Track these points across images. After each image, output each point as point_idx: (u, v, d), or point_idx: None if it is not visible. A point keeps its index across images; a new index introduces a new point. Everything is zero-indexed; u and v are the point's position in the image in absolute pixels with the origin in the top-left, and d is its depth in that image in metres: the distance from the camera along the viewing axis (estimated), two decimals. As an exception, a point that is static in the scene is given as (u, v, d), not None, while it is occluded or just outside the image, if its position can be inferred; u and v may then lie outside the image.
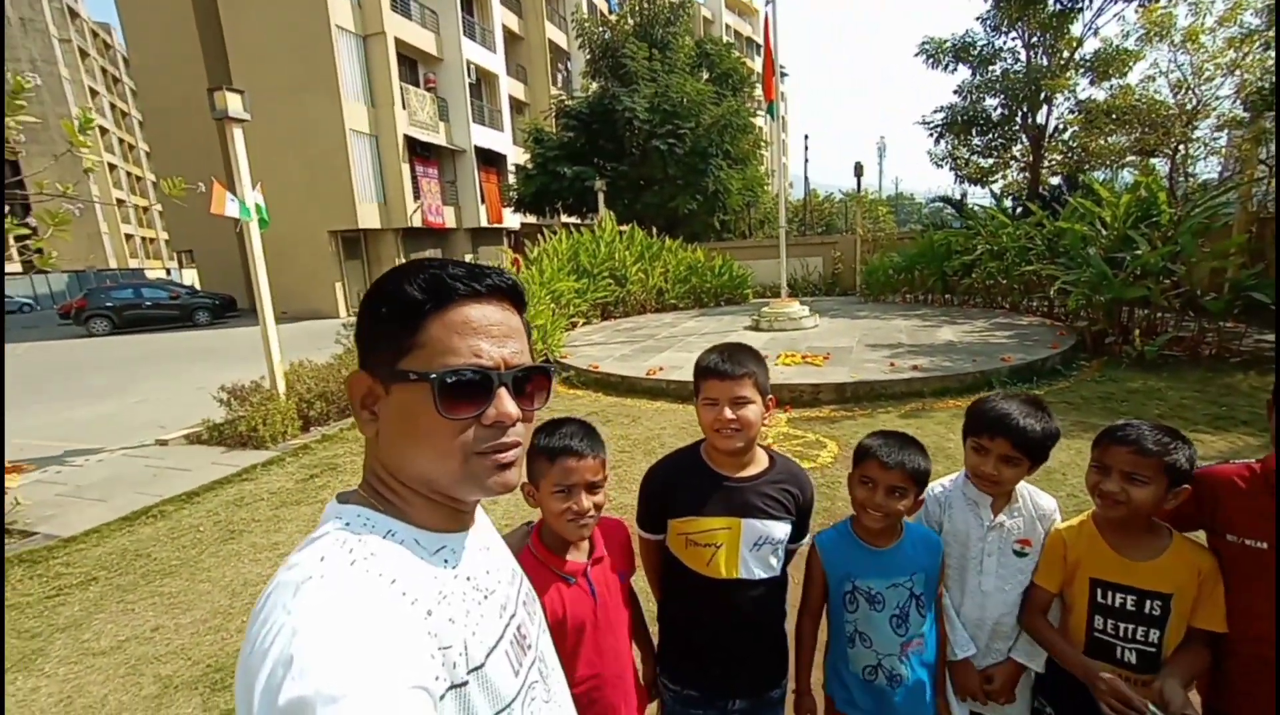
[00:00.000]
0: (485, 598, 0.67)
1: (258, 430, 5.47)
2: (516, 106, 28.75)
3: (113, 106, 54.98)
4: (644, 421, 5.70)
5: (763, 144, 20.75)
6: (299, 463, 5.14)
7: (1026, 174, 15.57)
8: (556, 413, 5.30)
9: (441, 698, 0.55)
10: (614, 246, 12.69)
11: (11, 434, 6.26)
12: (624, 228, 13.64)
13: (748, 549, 1.40)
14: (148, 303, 19.22)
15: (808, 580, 1.52)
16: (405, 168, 21.34)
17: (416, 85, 22.53)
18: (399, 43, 21.00)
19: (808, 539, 1.55)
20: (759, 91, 19.82)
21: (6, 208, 4.32)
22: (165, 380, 9.66)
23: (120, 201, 52.46)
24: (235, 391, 5.97)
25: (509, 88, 27.29)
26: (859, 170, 17.82)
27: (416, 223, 21.95)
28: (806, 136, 32.72)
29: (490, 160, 25.37)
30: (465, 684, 0.59)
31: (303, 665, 0.47)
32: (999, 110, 14.80)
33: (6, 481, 4.03)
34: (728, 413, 1.34)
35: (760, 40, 9.57)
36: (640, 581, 1.54)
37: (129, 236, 53.99)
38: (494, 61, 25.73)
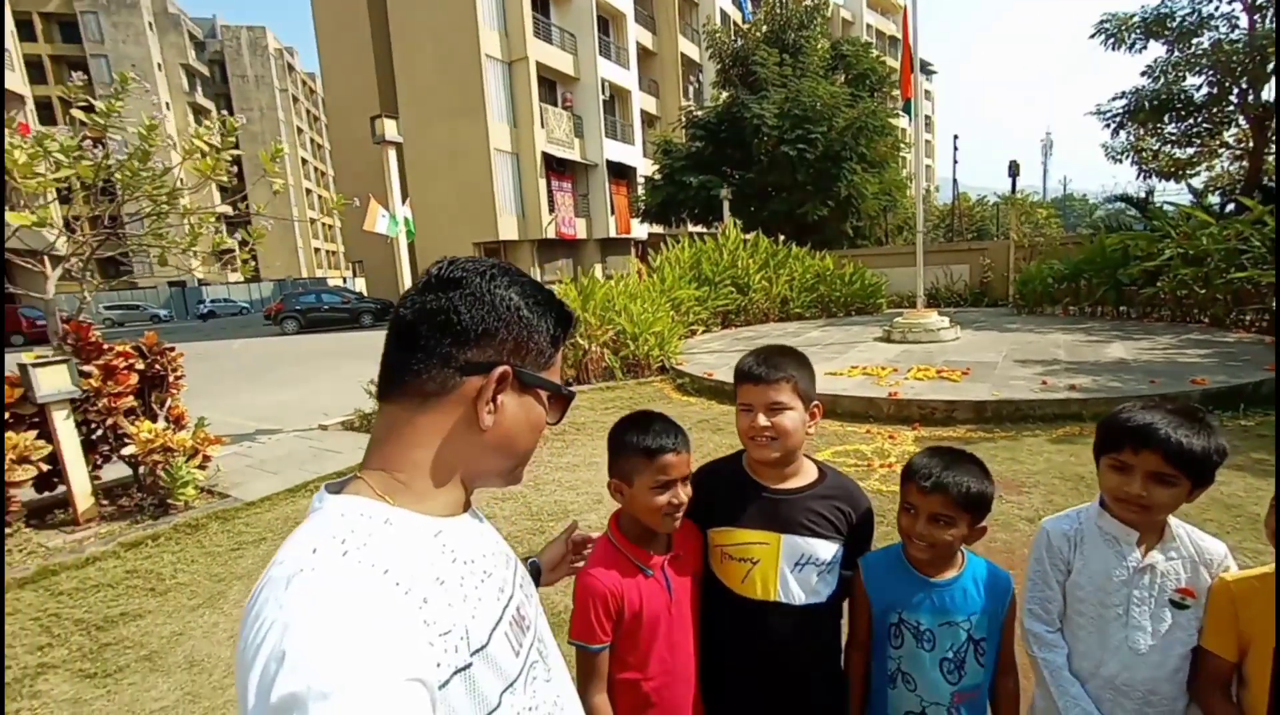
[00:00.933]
0: (483, 580, 0.67)
1: (399, 420, 6.05)
2: (648, 120, 29.55)
3: (312, 141, 64.52)
4: (755, 432, 5.53)
5: (903, 145, 19.43)
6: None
7: (1242, 163, 13.09)
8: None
9: (446, 684, 0.56)
10: (737, 254, 12.55)
11: (222, 412, 7.49)
12: (748, 236, 13.45)
13: (789, 568, 1.27)
14: (325, 307, 22.23)
15: (853, 607, 1.35)
16: (542, 182, 22.75)
17: (555, 104, 23.97)
18: (540, 66, 22.49)
19: None
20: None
21: (226, 225, 5.14)
22: (333, 373, 11.07)
23: (313, 220, 61.29)
24: (384, 385, 6.67)
25: (641, 102, 28.13)
26: (1014, 170, 16.11)
27: (550, 234, 23.28)
28: (956, 136, 30.29)
29: (621, 173, 26.28)
30: (469, 666, 0.59)
31: (295, 661, 0.47)
32: (1205, 90, 12.56)
33: (212, 451, 4.81)
34: (761, 420, 1.24)
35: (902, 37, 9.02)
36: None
37: (317, 250, 62.90)
38: (627, 78, 26.67)
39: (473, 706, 0.59)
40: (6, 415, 4.07)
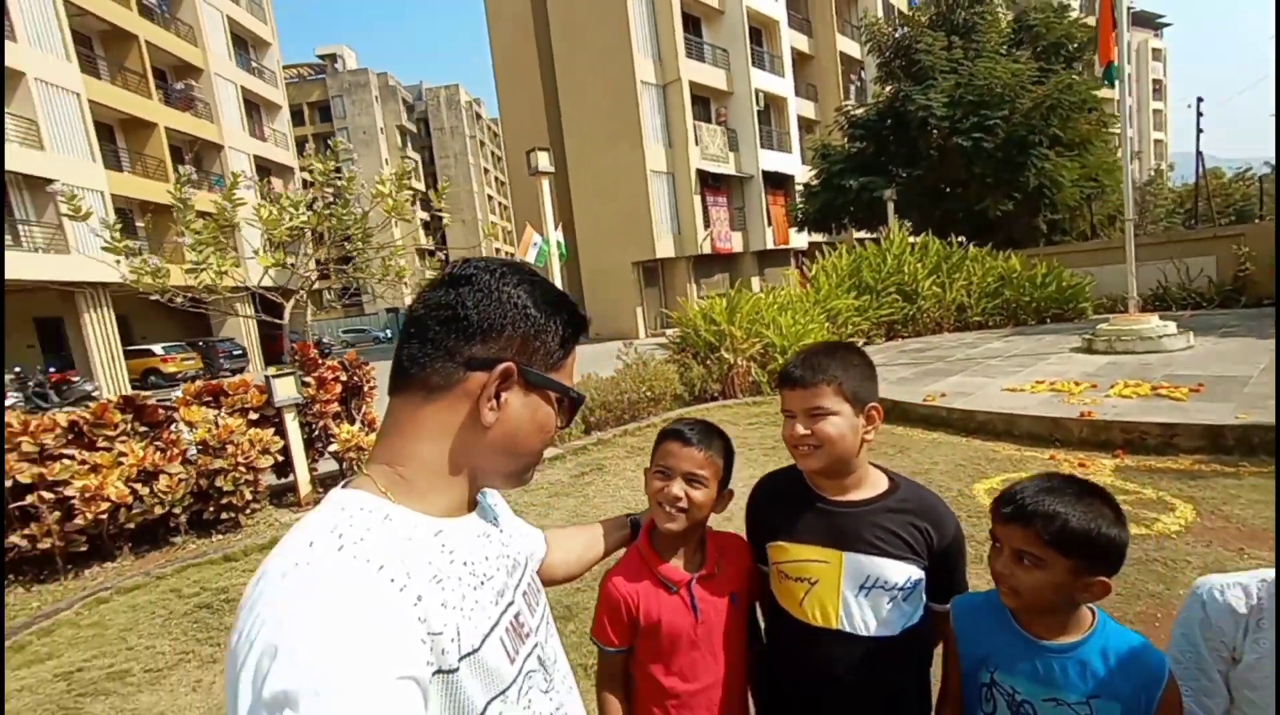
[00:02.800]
0: (481, 583, 0.66)
1: (550, 430, 6.47)
2: (806, 126, 28.65)
3: (496, 179, 72.43)
4: (913, 453, 5.00)
5: (1111, 120, 16.49)
6: (576, 461, 5.90)
7: None
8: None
9: (428, 683, 0.55)
10: (903, 259, 11.56)
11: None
12: (916, 238, 12.34)
13: (851, 591, 1.11)
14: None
15: (944, 654, 1.12)
16: (697, 199, 23.09)
17: (709, 121, 24.27)
18: (692, 85, 22.96)
19: None
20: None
21: (428, 257, 5.95)
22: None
23: (496, 249, 68.66)
24: (539, 397, 7.18)
25: (797, 108, 27.38)
26: (1281, 133, 12.79)
27: (706, 250, 23.48)
28: (1200, 100, 24.86)
29: (778, 183, 25.73)
30: (455, 670, 0.58)
31: (287, 656, 0.47)
32: None
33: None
34: (800, 427, 1.10)
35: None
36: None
37: (501, 276, 70.29)
38: (782, 85, 26.15)
39: (450, 712, 0.58)
40: (255, 415, 5.08)
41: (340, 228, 5.92)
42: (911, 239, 12.27)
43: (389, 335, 43.96)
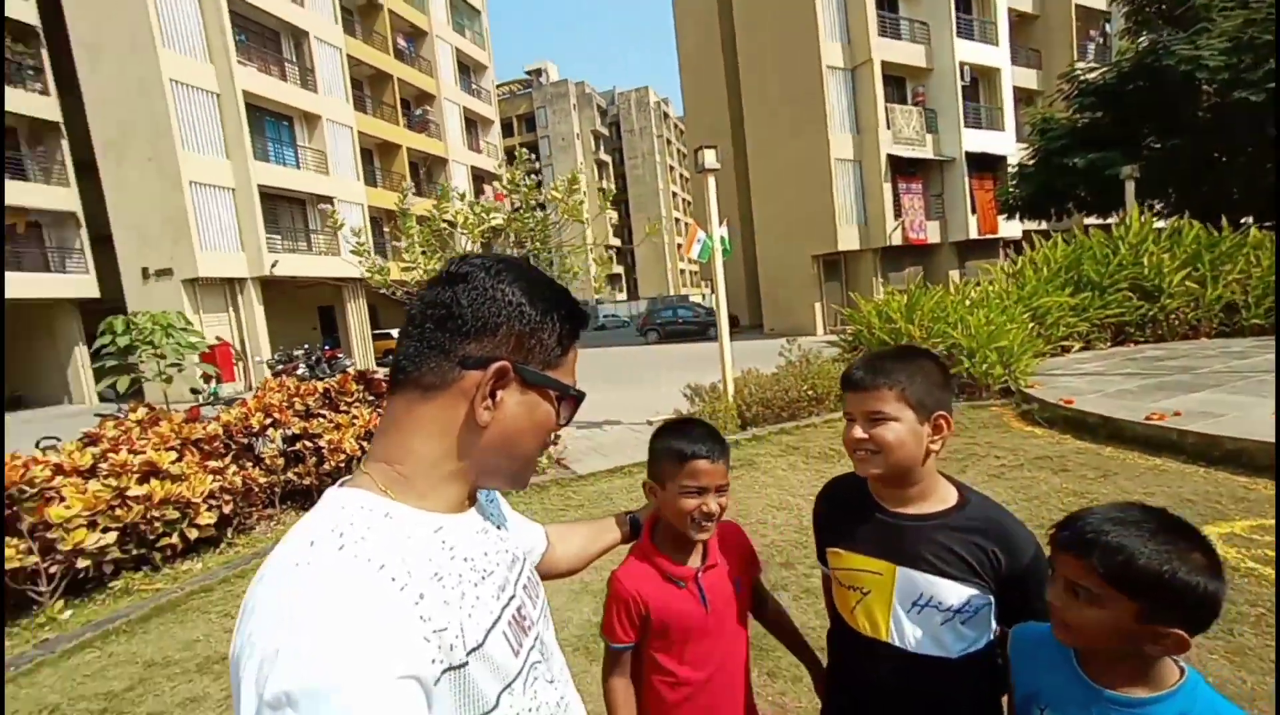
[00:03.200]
0: (482, 579, 0.66)
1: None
2: (1025, 98, 24.90)
3: (681, 175, 74.27)
4: (1119, 479, 4.22)
5: None
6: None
7: None
8: (999, 451, 4.48)
9: (436, 681, 0.55)
10: (1142, 248, 9.59)
11: (584, 405, 9.36)
12: (1163, 224, 10.15)
13: (903, 606, 1.07)
14: (680, 320, 25.32)
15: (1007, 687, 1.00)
16: (887, 187, 21.41)
17: (903, 103, 22.29)
18: (885, 65, 21.24)
19: None
20: None
21: (616, 254, 6.49)
22: (673, 377, 12.57)
23: (679, 245, 70.44)
24: (697, 390, 7.35)
25: (1014, 79, 23.88)
26: None
27: (896, 241, 21.69)
28: None
29: (985, 165, 22.76)
30: (464, 665, 0.59)
31: (288, 657, 0.48)
32: None
33: (559, 432, 6.15)
34: (858, 431, 1.07)
35: None
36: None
37: (682, 271, 71.87)
38: (994, 55, 22.99)
39: (466, 706, 0.59)
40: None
41: (525, 229, 6.65)
42: (1158, 224, 10.11)
43: (629, 323, 47.83)
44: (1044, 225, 18.65)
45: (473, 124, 32.74)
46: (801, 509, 4.37)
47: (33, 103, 19.01)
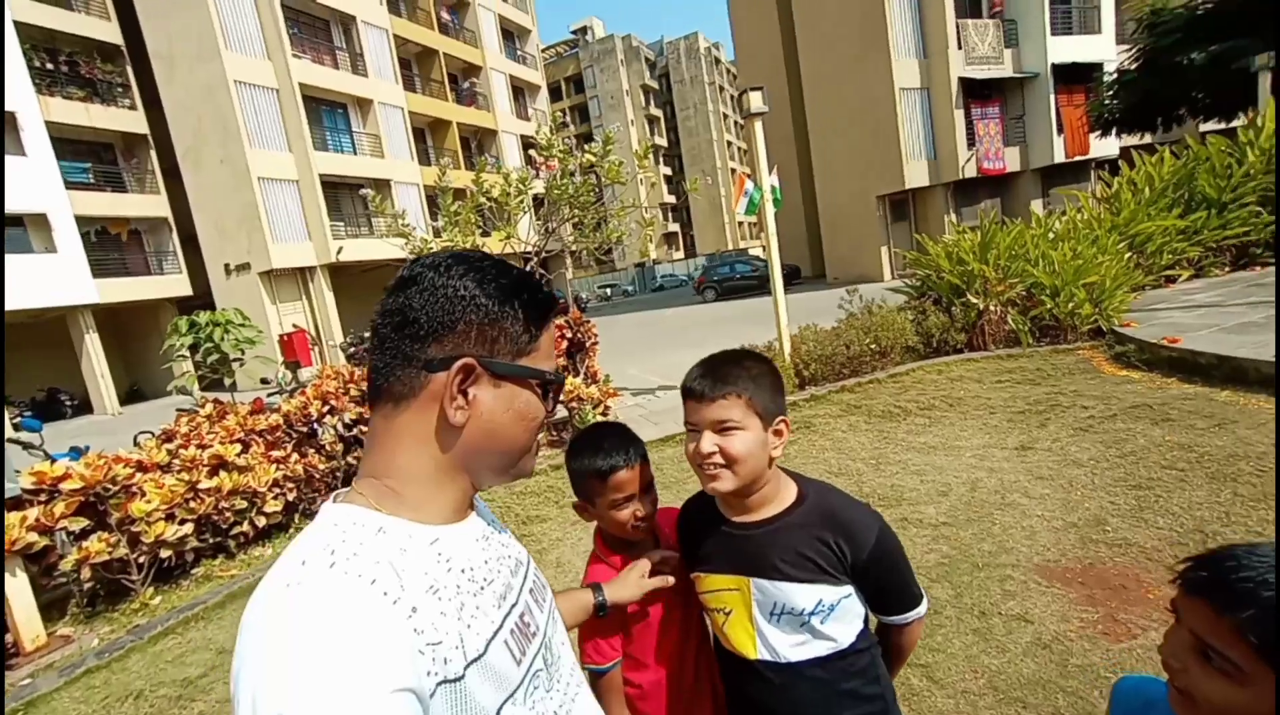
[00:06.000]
0: (482, 588, 0.66)
1: (760, 385, 6.35)
2: (1124, -8, 21.89)
3: (736, 123, 71.33)
4: (1238, 428, 3.67)
5: None
6: (783, 418, 5.69)
7: None
8: (1087, 400, 4.01)
9: (432, 694, 0.55)
10: (1274, 153, 8.24)
11: (640, 370, 9.24)
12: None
13: (764, 618, 1.05)
14: (738, 276, 24.58)
15: None
16: (959, 114, 19.60)
17: (978, 15, 20.12)
18: (957, -26, 19.15)
19: (922, 608, 1.08)
20: None
21: (671, 212, 6.27)
22: (731, 336, 12.26)
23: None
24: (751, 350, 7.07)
25: (1112, -30, 20.97)
26: None
27: (970, 173, 19.97)
28: None
29: (1075, 77, 20.30)
30: (461, 678, 0.58)
31: (281, 678, 0.48)
32: None
33: (611, 402, 6.06)
34: (706, 443, 1.00)
35: None
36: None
37: (740, 223, 69.75)
38: (1088, -56, 20.22)
39: None
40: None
41: (564, 196, 6.47)
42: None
43: (634, 289, 47.70)
44: (1147, 139, 16.53)
45: (520, 92, 32.47)
46: (863, 474, 4.11)
47: (123, 118, 20.45)
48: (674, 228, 64.17)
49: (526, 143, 30.35)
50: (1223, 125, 13.49)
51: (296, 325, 18.49)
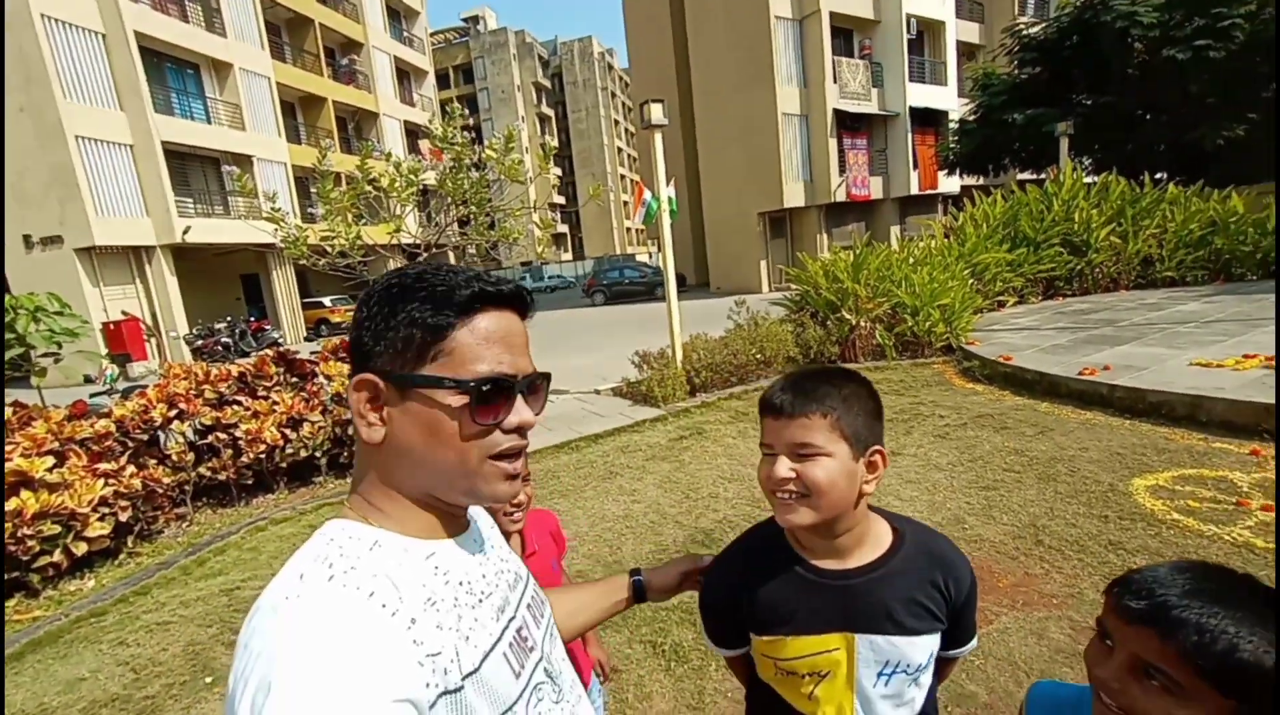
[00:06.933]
0: (480, 601, 0.65)
1: (654, 391, 6.45)
2: (967, 52, 25.10)
3: (626, 130, 72.37)
4: (1055, 435, 4.32)
5: None
6: (677, 424, 5.84)
7: None
8: (943, 409, 4.44)
9: (432, 705, 0.55)
10: (1073, 204, 9.88)
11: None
12: (1095, 179, 10.47)
13: (871, 681, 0.90)
14: (627, 281, 24.96)
15: None
16: (832, 142, 21.33)
17: (850, 55, 22.05)
18: (834, 16, 20.86)
19: (973, 643, 0.99)
20: None
21: (560, 213, 6.10)
22: (622, 342, 12.35)
23: (625, 203, 69.13)
24: (645, 357, 7.17)
25: (957, 33, 23.96)
26: None
27: (840, 197, 21.80)
28: None
29: (928, 120, 22.96)
30: (460, 689, 0.58)
31: (280, 691, 0.48)
32: None
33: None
34: (783, 468, 0.85)
35: None
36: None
37: (629, 229, 70.85)
38: (939, 8, 22.93)
39: None
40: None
41: (458, 191, 6.18)
42: (1088, 179, 10.42)
43: (573, 283, 46.67)
44: (981, 181, 19.10)
45: (405, 75, 30.61)
46: (754, 480, 4.32)
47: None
48: (563, 229, 63.75)
49: (410, 129, 28.68)
50: (1034, 176, 15.91)
51: (127, 312, 15.97)
